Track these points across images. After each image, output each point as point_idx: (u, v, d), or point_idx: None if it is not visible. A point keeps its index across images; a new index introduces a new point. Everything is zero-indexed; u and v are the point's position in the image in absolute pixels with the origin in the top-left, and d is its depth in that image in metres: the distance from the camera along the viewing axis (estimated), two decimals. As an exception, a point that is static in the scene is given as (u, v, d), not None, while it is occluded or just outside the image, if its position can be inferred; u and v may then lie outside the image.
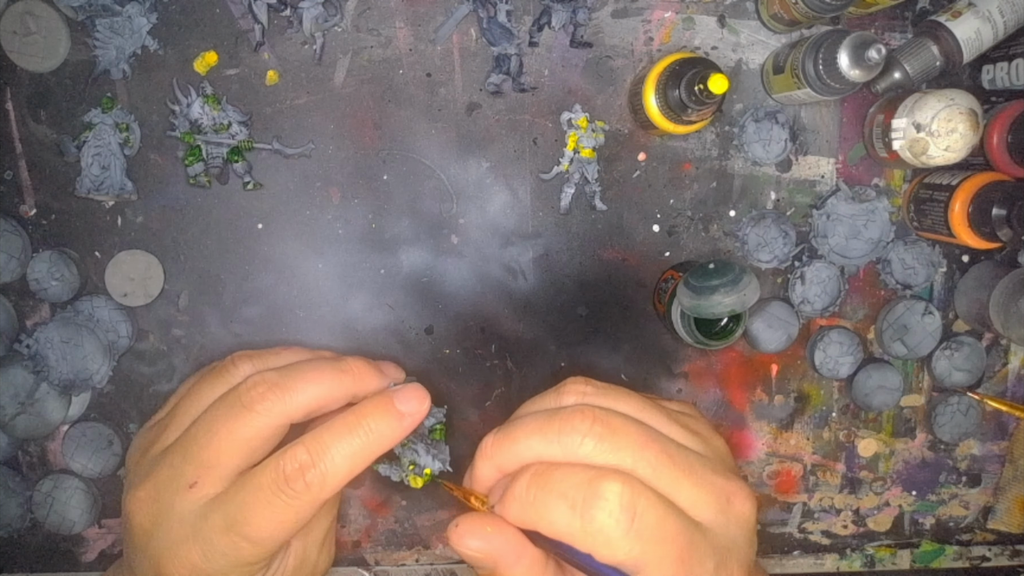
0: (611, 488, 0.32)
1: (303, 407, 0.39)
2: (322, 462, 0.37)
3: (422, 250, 0.53)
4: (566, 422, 0.34)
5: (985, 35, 0.48)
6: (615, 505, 0.31)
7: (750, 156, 0.53)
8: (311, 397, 0.39)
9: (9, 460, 0.53)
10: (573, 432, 0.33)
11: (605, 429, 0.33)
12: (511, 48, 0.50)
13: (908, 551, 0.59)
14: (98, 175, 0.50)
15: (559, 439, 0.34)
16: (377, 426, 0.38)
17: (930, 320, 0.54)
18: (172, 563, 0.37)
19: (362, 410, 0.39)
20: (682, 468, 0.34)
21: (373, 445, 0.38)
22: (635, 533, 0.31)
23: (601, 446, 0.33)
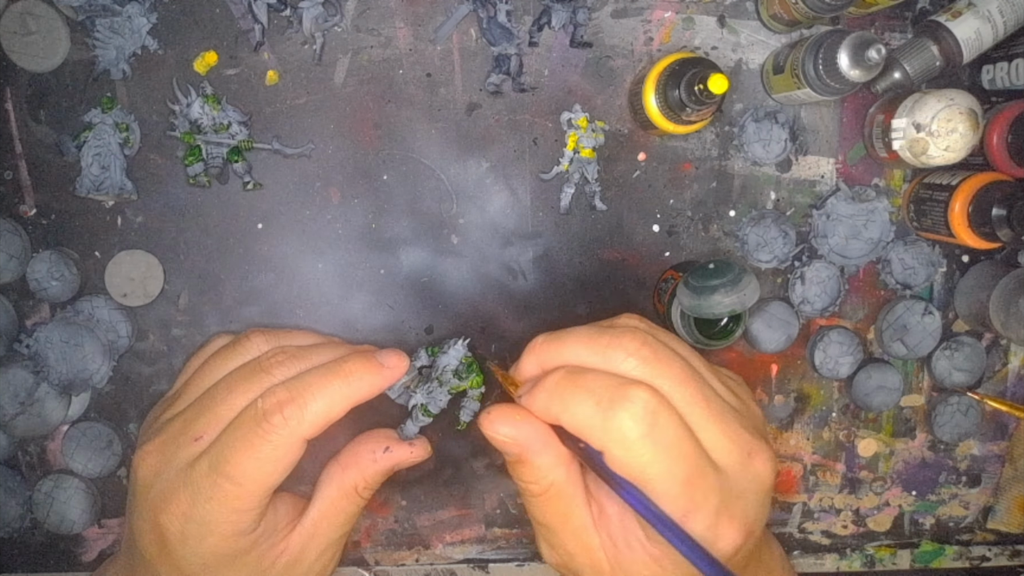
0: (639, 394, 0.32)
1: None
2: (300, 398, 0.38)
3: (422, 250, 0.53)
4: (616, 338, 0.34)
5: (985, 35, 0.48)
6: (639, 409, 0.32)
7: (750, 156, 0.53)
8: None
9: (9, 460, 0.53)
10: (620, 348, 0.34)
11: (651, 354, 0.34)
12: (511, 48, 0.50)
13: (908, 551, 0.59)
14: (98, 175, 0.50)
15: (604, 351, 0.34)
16: (358, 372, 0.40)
17: (930, 320, 0.54)
18: (165, 511, 0.37)
19: (345, 358, 0.40)
20: (714, 411, 0.34)
21: (352, 389, 0.39)
22: (651, 440, 0.32)
23: (642, 367, 0.34)
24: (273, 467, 0.37)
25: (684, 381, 0.34)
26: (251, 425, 0.37)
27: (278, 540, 0.40)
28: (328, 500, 0.43)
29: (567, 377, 0.34)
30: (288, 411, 0.37)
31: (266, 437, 0.37)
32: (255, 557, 0.40)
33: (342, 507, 0.43)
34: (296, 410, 0.37)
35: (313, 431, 0.38)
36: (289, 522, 0.41)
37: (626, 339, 0.35)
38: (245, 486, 0.37)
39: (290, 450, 0.38)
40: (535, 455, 0.36)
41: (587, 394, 0.33)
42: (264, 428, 0.37)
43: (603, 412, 0.32)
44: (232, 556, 0.39)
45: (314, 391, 0.38)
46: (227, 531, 0.37)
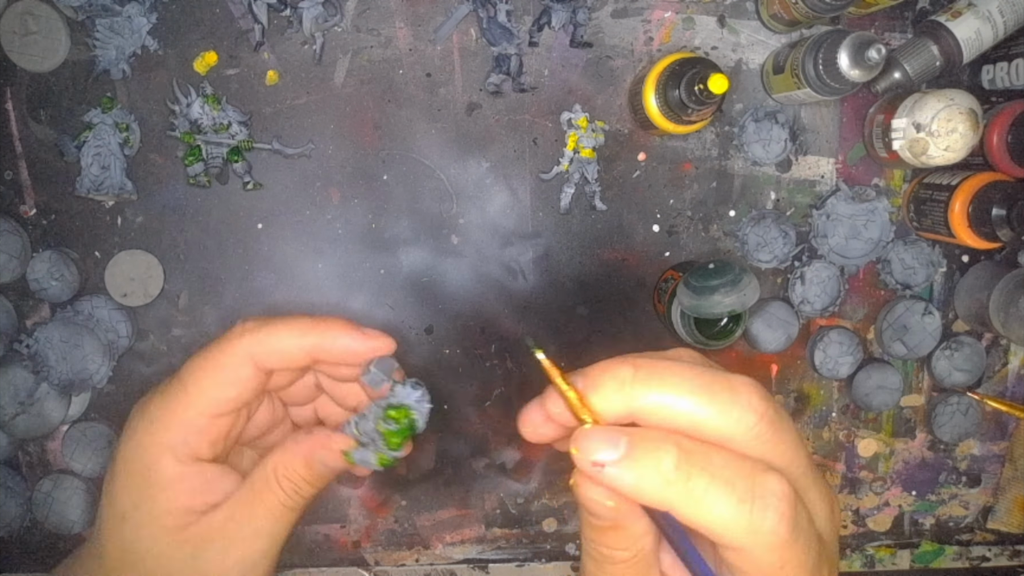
0: (778, 488, 0.28)
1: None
2: (264, 324, 0.37)
3: (422, 250, 0.53)
4: (738, 391, 0.28)
5: (985, 35, 0.48)
6: (784, 506, 0.28)
7: (750, 156, 0.53)
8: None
9: (9, 460, 0.53)
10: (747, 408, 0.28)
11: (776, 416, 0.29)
12: (511, 48, 0.50)
13: (908, 551, 0.59)
14: (98, 175, 0.50)
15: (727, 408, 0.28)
16: (334, 326, 0.38)
17: (930, 320, 0.54)
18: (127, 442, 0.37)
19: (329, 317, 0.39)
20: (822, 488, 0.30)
21: (322, 338, 0.38)
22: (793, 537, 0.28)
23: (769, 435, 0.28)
24: (215, 375, 0.37)
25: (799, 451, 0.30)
26: (214, 342, 0.37)
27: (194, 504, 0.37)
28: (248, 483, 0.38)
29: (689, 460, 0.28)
30: (250, 325, 0.37)
31: (217, 344, 0.37)
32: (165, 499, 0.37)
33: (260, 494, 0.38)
34: (256, 327, 0.37)
35: (262, 353, 0.37)
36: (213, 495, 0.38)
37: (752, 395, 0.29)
38: (186, 387, 0.37)
39: (236, 363, 0.37)
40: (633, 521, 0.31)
41: (727, 487, 0.28)
42: (224, 337, 0.37)
43: (750, 511, 0.28)
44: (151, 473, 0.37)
45: (278, 323, 0.38)
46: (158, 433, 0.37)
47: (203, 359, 0.37)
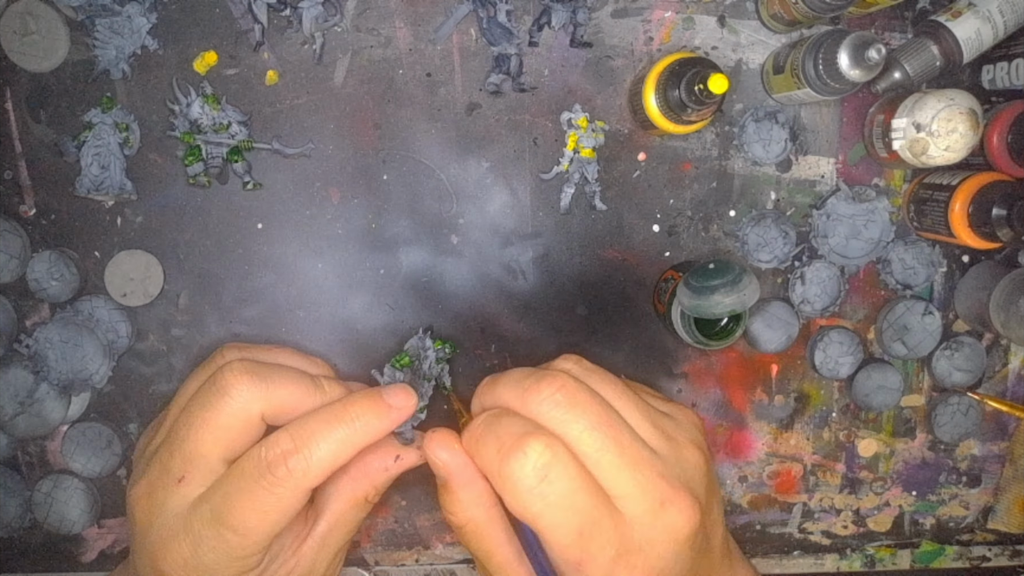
0: (533, 446, 0.34)
1: (275, 404, 0.39)
2: (306, 448, 0.37)
3: (422, 250, 0.53)
4: (537, 381, 0.36)
5: (985, 35, 0.48)
6: (530, 461, 0.33)
7: (750, 156, 0.53)
8: (284, 398, 0.39)
9: (9, 460, 0.53)
10: (538, 392, 0.35)
11: (566, 398, 0.35)
12: (511, 48, 0.50)
13: (908, 551, 0.59)
14: (98, 175, 0.50)
15: (525, 394, 0.36)
16: (364, 416, 0.39)
17: (930, 320, 0.54)
18: (166, 559, 0.37)
19: (351, 399, 0.39)
20: (626, 458, 0.35)
21: (359, 435, 0.38)
22: (539, 493, 0.33)
23: (555, 411, 0.35)
24: (277, 517, 0.36)
25: (596, 426, 0.35)
26: (255, 476, 0.36)
27: (288, 558, 0.40)
28: (338, 513, 0.42)
29: (485, 421, 0.36)
30: (292, 462, 0.36)
31: (271, 489, 0.36)
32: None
33: (352, 517, 0.42)
34: (301, 461, 0.36)
35: (320, 480, 0.37)
36: (296, 536, 0.40)
37: (545, 382, 0.36)
38: (249, 536, 0.36)
39: (295, 500, 0.37)
40: (460, 487, 0.38)
41: (493, 439, 0.35)
42: (268, 480, 0.36)
43: (500, 459, 0.34)
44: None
45: (319, 439, 0.37)
46: (231, 574, 0.37)
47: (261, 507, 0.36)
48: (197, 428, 0.38)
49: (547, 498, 0.33)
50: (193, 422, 0.38)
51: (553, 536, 0.34)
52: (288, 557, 0.40)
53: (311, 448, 0.37)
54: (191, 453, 0.38)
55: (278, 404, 0.39)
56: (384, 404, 0.39)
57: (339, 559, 0.44)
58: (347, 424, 0.38)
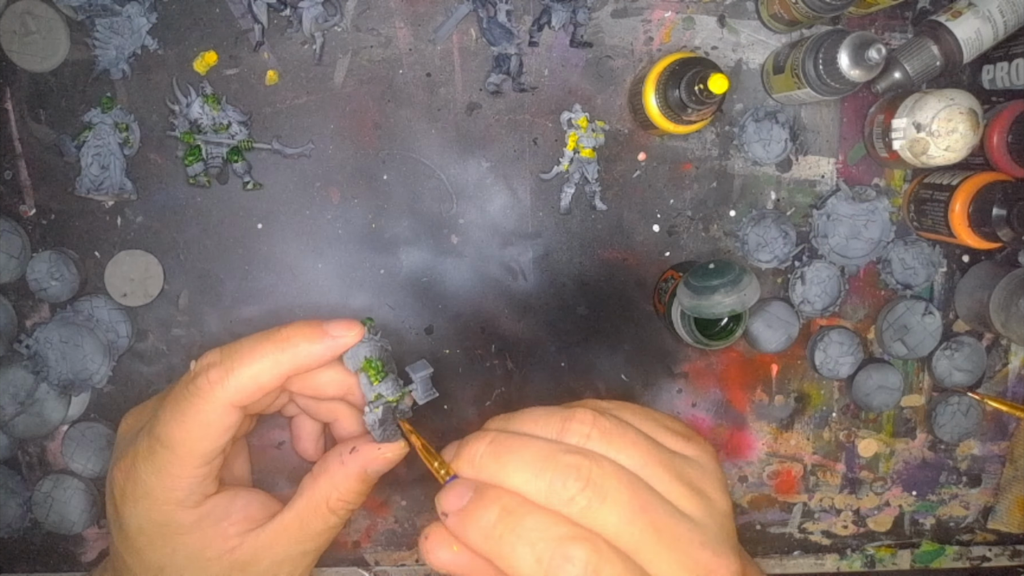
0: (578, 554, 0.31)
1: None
2: (230, 361, 0.36)
3: (422, 250, 0.53)
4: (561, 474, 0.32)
5: (985, 35, 0.48)
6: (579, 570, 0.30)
7: (750, 156, 0.53)
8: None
9: (9, 460, 0.53)
10: (564, 489, 0.32)
11: (596, 494, 0.32)
12: (511, 48, 0.50)
13: (908, 551, 0.59)
14: (98, 175, 0.50)
15: (548, 488, 0.32)
16: (296, 337, 0.37)
17: (930, 320, 0.54)
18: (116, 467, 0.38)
19: (287, 325, 0.38)
20: (667, 541, 0.32)
21: (288, 355, 0.37)
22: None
23: (589, 511, 0.32)
24: (201, 432, 0.36)
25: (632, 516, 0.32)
26: (180, 389, 0.37)
27: (229, 533, 0.39)
28: (294, 511, 0.40)
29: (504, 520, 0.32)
30: (214, 374, 0.36)
31: (191, 400, 0.36)
32: (196, 540, 0.38)
33: (308, 520, 0.40)
34: (222, 373, 0.36)
35: (240, 395, 0.36)
36: (247, 519, 0.39)
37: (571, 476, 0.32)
38: (175, 450, 0.36)
39: (218, 415, 0.36)
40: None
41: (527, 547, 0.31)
42: (190, 390, 0.36)
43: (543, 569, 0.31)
44: (168, 528, 0.37)
45: (244, 355, 0.37)
46: (160, 496, 0.37)
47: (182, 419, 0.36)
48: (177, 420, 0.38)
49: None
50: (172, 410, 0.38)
51: None
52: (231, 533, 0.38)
53: (235, 361, 0.36)
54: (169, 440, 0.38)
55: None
56: (320, 329, 0.38)
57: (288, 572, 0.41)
58: (277, 343, 0.37)
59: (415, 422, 0.41)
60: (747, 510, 0.58)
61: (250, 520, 0.39)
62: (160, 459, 0.36)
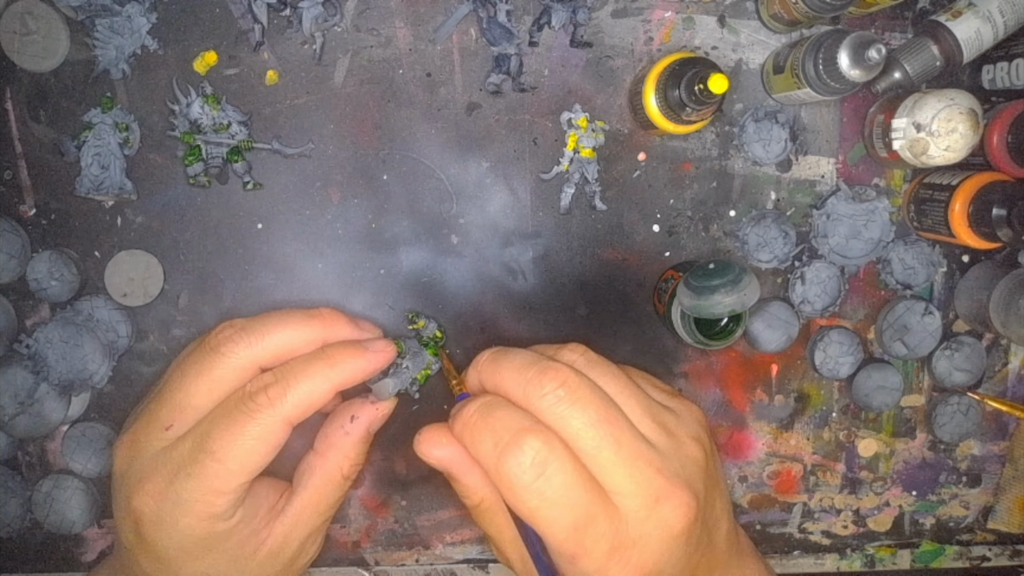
0: (530, 443, 0.34)
1: (270, 350, 0.40)
2: (286, 381, 0.38)
3: (422, 250, 0.53)
4: (540, 373, 0.36)
5: (985, 35, 0.48)
6: (527, 458, 0.34)
7: (750, 156, 0.53)
8: (279, 341, 0.40)
9: (9, 460, 0.53)
10: (540, 384, 0.36)
11: (568, 393, 0.35)
12: (511, 48, 0.50)
13: (908, 551, 0.59)
14: (98, 175, 0.50)
15: (526, 384, 0.36)
16: (342, 358, 0.40)
17: (930, 320, 0.54)
18: (139, 494, 0.38)
19: (331, 346, 0.41)
20: (623, 454, 0.35)
21: (336, 372, 0.40)
22: (535, 490, 0.34)
23: (557, 406, 0.35)
24: (256, 447, 0.37)
25: (596, 423, 0.35)
26: (237, 404, 0.38)
27: (259, 527, 0.40)
28: (312, 489, 0.42)
29: (480, 411, 0.36)
30: (272, 392, 0.38)
31: (251, 416, 0.37)
32: (235, 544, 0.39)
33: (326, 493, 0.43)
34: (280, 391, 0.38)
35: (297, 413, 0.39)
36: (270, 508, 0.41)
37: (548, 375, 0.36)
38: (227, 464, 0.37)
39: (274, 431, 0.38)
40: (463, 474, 0.39)
41: (490, 434, 0.35)
42: (249, 407, 0.37)
43: (496, 456, 0.34)
44: (209, 540, 0.38)
45: (298, 375, 0.39)
46: (203, 512, 0.37)
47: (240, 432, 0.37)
48: (189, 381, 0.39)
49: (543, 494, 0.34)
50: (187, 374, 0.40)
51: (549, 530, 0.34)
52: (260, 527, 0.40)
53: (291, 381, 0.39)
54: (181, 403, 0.39)
55: (272, 351, 0.40)
56: (361, 349, 0.41)
57: (314, 541, 0.44)
58: (326, 363, 0.40)
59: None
60: (747, 510, 0.58)
61: (272, 509, 0.42)
62: (208, 472, 0.37)
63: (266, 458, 0.38)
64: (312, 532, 0.43)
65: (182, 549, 0.38)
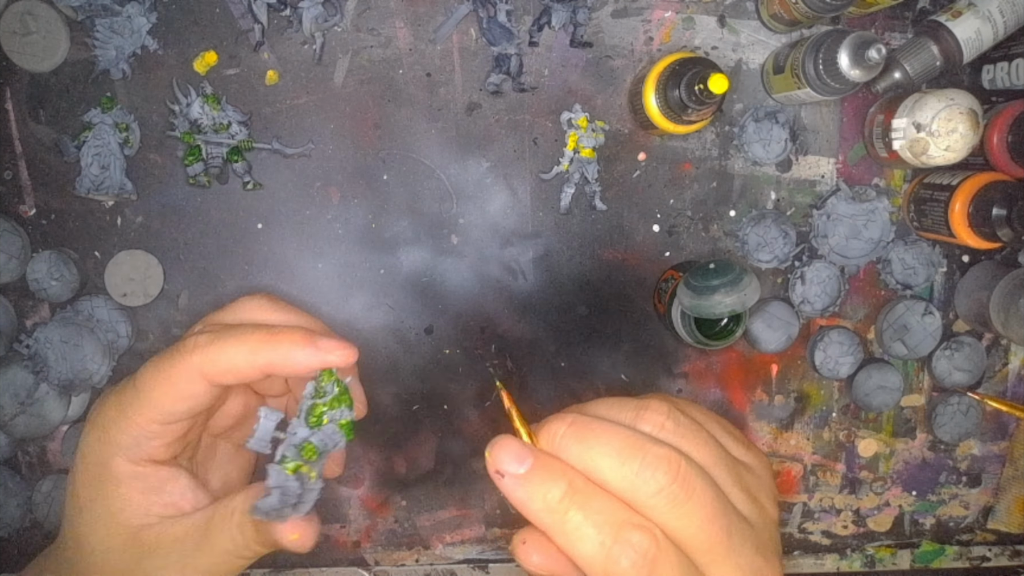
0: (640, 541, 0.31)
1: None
2: (219, 336, 0.38)
3: (422, 250, 0.53)
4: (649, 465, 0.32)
5: (985, 35, 0.48)
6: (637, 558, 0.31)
7: (750, 156, 0.53)
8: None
9: (9, 460, 0.53)
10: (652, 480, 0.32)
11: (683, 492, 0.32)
12: (511, 48, 0.50)
13: (908, 551, 0.59)
14: (98, 175, 0.50)
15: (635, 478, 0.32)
16: (285, 339, 0.38)
17: (930, 320, 0.54)
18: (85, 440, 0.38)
19: (283, 327, 0.39)
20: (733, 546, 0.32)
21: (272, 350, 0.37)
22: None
23: (672, 509, 0.32)
24: (166, 386, 0.37)
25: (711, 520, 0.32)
26: (169, 349, 0.38)
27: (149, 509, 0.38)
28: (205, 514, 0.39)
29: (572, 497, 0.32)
30: (202, 339, 0.37)
31: (172, 355, 0.37)
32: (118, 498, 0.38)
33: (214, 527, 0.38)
34: (207, 342, 0.37)
35: (217, 371, 0.37)
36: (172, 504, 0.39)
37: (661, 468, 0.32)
38: (139, 393, 0.37)
39: (186, 378, 0.37)
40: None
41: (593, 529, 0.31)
42: (175, 348, 0.38)
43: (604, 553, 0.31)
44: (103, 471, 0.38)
45: (233, 335, 0.38)
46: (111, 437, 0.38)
47: (157, 369, 0.38)
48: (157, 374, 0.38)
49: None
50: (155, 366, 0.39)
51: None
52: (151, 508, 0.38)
53: (223, 338, 0.38)
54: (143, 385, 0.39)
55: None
56: (309, 338, 0.38)
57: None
58: (266, 337, 0.38)
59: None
60: (747, 510, 0.58)
61: (175, 508, 0.39)
62: (126, 397, 0.37)
63: (174, 404, 0.37)
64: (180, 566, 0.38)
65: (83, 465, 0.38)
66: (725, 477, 0.35)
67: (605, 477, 0.33)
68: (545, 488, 0.32)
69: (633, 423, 0.35)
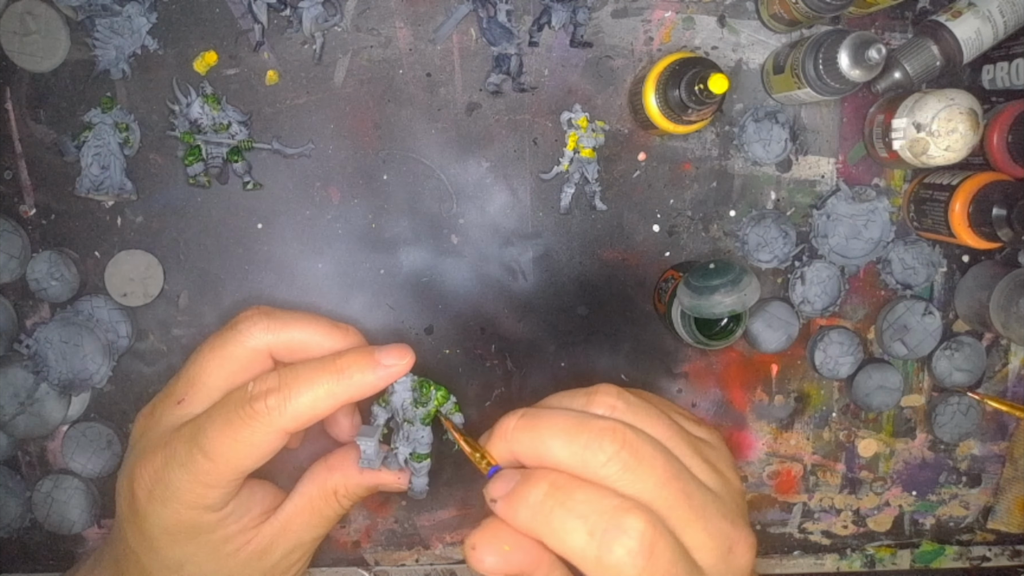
0: (635, 524, 0.30)
1: (285, 342, 0.40)
2: (288, 389, 0.37)
3: (422, 250, 0.53)
4: (595, 437, 0.32)
5: (985, 35, 0.48)
6: (636, 543, 0.30)
7: (750, 156, 0.53)
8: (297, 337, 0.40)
9: (9, 460, 0.53)
10: (600, 450, 0.32)
11: (632, 457, 0.32)
12: (511, 48, 0.50)
13: (908, 551, 0.59)
14: (98, 175, 0.50)
15: (584, 451, 0.32)
16: (351, 368, 0.38)
17: (930, 320, 0.54)
18: (140, 466, 0.38)
19: (342, 352, 0.39)
20: (696, 509, 0.32)
21: (343, 386, 0.38)
22: (648, 570, 0.30)
23: (624, 474, 0.32)
24: (248, 451, 0.37)
25: (666, 481, 0.32)
26: (235, 406, 0.37)
27: (247, 526, 0.40)
28: (306, 497, 0.42)
29: (553, 495, 0.32)
30: (272, 400, 0.37)
31: (246, 421, 0.37)
32: (219, 538, 0.39)
33: (319, 507, 0.42)
34: (280, 400, 0.37)
35: (295, 424, 0.37)
36: (263, 512, 0.41)
37: (606, 438, 0.32)
38: (216, 463, 0.37)
39: (268, 438, 0.37)
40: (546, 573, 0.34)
41: (579, 520, 0.31)
42: (246, 411, 0.37)
43: (598, 545, 0.30)
44: (194, 529, 0.38)
45: (302, 383, 0.37)
46: (190, 501, 0.37)
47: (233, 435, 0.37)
48: (205, 355, 0.40)
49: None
50: (203, 350, 0.40)
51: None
52: (248, 526, 0.40)
53: (293, 390, 0.37)
54: (194, 378, 0.39)
55: (287, 343, 0.40)
56: (373, 360, 0.39)
57: (299, 557, 0.42)
58: (333, 375, 0.38)
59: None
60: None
61: (264, 512, 0.41)
62: (199, 467, 0.37)
63: (258, 461, 0.38)
64: (298, 545, 0.42)
65: (166, 530, 0.38)
66: (684, 449, 0.35)
67: (557, 458, 0.33)
68: (527, 494, 0.32)
69: (585, 408, 0.35)
